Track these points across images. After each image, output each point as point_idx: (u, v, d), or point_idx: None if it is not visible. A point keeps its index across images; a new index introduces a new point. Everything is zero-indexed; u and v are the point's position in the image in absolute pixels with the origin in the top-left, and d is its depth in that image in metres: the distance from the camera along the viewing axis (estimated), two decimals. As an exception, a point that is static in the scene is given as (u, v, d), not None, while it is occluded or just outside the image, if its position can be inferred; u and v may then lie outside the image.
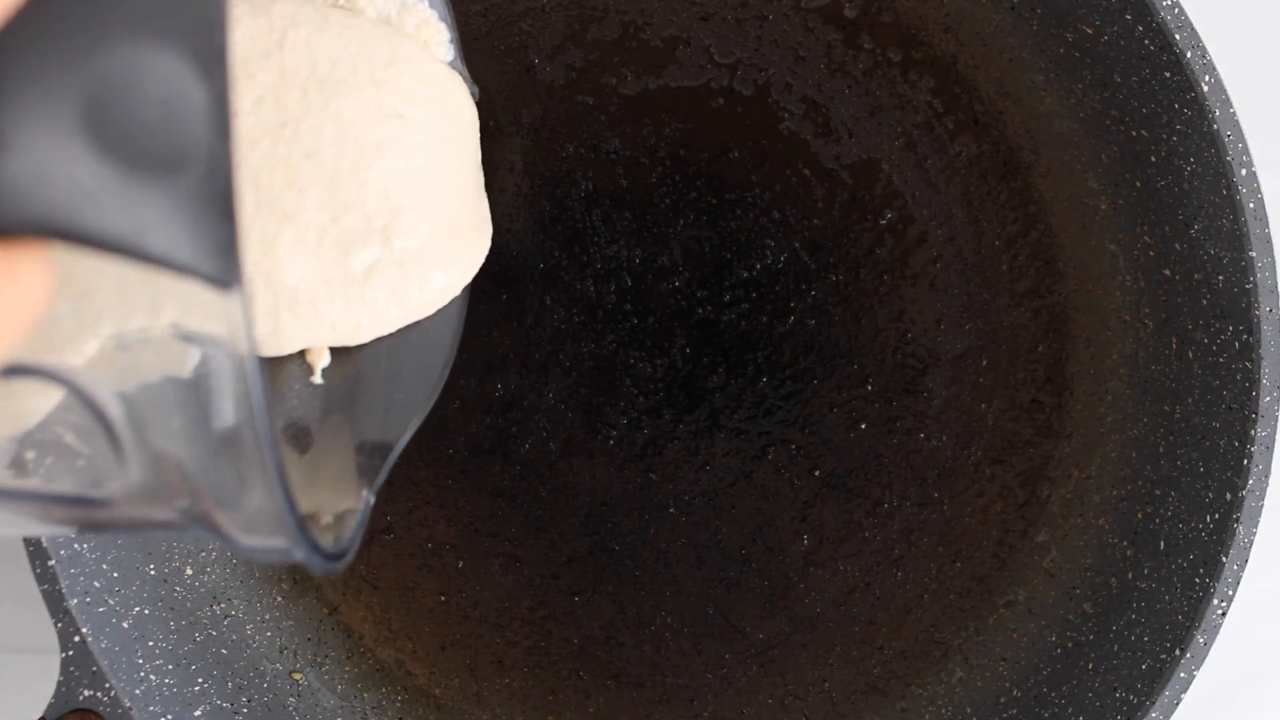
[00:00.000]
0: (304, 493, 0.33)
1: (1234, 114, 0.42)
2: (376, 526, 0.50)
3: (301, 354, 0.35)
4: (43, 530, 0.26)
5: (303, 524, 0.22)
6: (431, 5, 0.35)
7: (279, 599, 0.50)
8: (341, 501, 0.31)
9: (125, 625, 0.43)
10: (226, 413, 0.21)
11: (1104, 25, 0.43)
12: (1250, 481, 0.43)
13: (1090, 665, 0.47)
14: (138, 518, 0.23)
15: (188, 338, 0.21)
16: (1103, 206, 0.48)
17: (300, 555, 0.23)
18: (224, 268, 0.19)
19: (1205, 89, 0.41)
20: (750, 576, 0.50)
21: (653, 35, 0.48)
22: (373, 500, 0.32)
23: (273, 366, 0.34)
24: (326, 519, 0.30)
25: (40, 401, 0.25)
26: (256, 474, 0.21)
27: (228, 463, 0.21)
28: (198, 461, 0.21)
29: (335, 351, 0.35)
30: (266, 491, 0.21)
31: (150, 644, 0.44)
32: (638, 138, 0.49)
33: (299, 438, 0.35)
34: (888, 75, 0.49)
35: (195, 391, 0.21)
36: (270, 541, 0.23)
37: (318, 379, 0.33)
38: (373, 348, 0.35)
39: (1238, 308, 0.43)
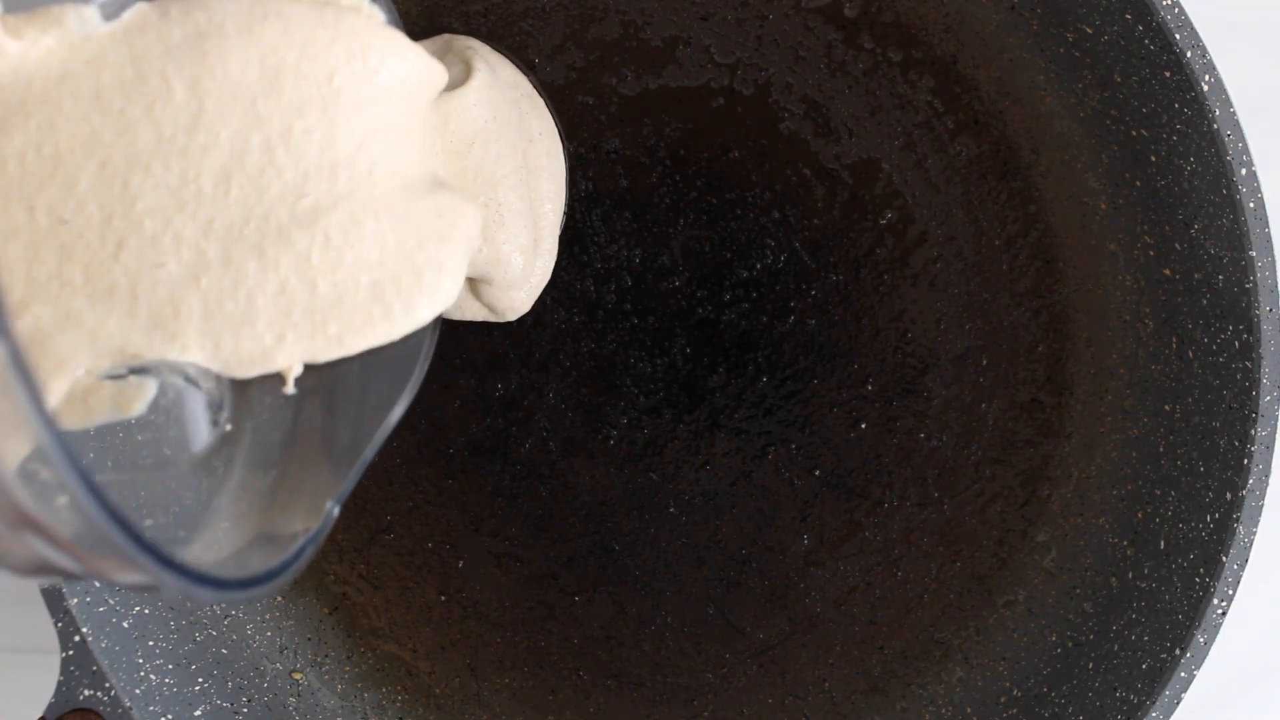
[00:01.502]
0: (269, 511, 0.33)
1: (1234, 114, 0.42)
2: (377, 526, 0.50)
3: None
4: None
5: (167, 560, 0.22)
6: None
7: (279, 599, 0.50)
8: (308, 518, 0.31)
9: (125, 625, 0.43)
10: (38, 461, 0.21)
11: (1104, 25, 0.43)
12: (1250, 481, 0.43)
13: (1090, 665, 0.47)
14: (23, 564, 0.23)
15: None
16: (1103, 206, 0.48)
17: (175, 590, 0.23)
18: None
19: (1205, 89, 0.41)
20: (750, 576, 0.50)
21: (653, 35, 0.48)
22: (336, 513, 0.31)
23: (242, 380, 0.34)
24: (299, 536, 0.30)
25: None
26: (83, 520, 0.21)
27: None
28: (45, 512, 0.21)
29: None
30: (100, 534, 0.21)
31: (150, 644, 0.44)
32: (638, 138, 0.49)
33: (267, 453, 0.35)
34: (888, 75, 0.49)
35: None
36: (142, 578, 0.23)
37: (290, 389, 0.33)
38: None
39: (1238, 307, 0.43)
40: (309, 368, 0.33)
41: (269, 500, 0.33)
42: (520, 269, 0.47)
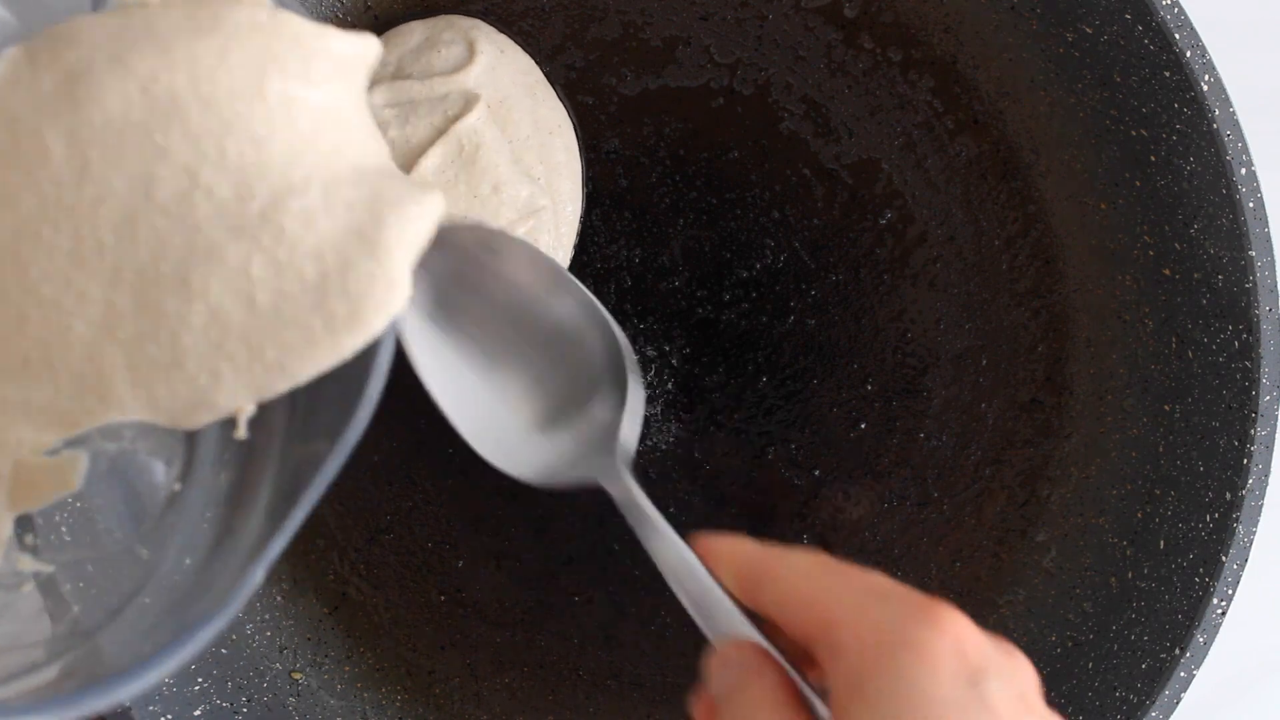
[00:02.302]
0: (199, 580, 0.31)
1: (1234, 114, 0.42)
2: (377, 526, 0.50)
3: None
4: None
5: None
6: None
7: (279, 599, 0.50)
8: (231, 581, 0.29)
9: (125, 625, 0.43)
10: None
11: (1104, 25, 0.43)
12: (1250, 481, 0.43)
13: (1090, 665, 0.47)
14: None
15: None
16: (1103, 206, 0.48)
17: None
18: None
19: (1205, 89, 0.41)
20: (750, 576, 0.50)
21: (653, 35, 0.48)
22: (260, 577, 0.28)
23: (194, 433, 0.32)
24: (211, 609, 0.28)
25: None
26: None
27: None
28: None
29: None
30: None
31: (150, 644, 0.44)
32: (638, 138, 0.49)
33: (212, 511, 0.33)
34: (888, 75, 0.49)
35: None
36: None
37: (241, 433, 0.30)
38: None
39: (1237, 307, 0.43)
40: (262, 408, 0.30)
41: (202, 567, 0.31)
42: None
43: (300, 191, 0.29)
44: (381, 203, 0.30)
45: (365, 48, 0.31)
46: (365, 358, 0.30)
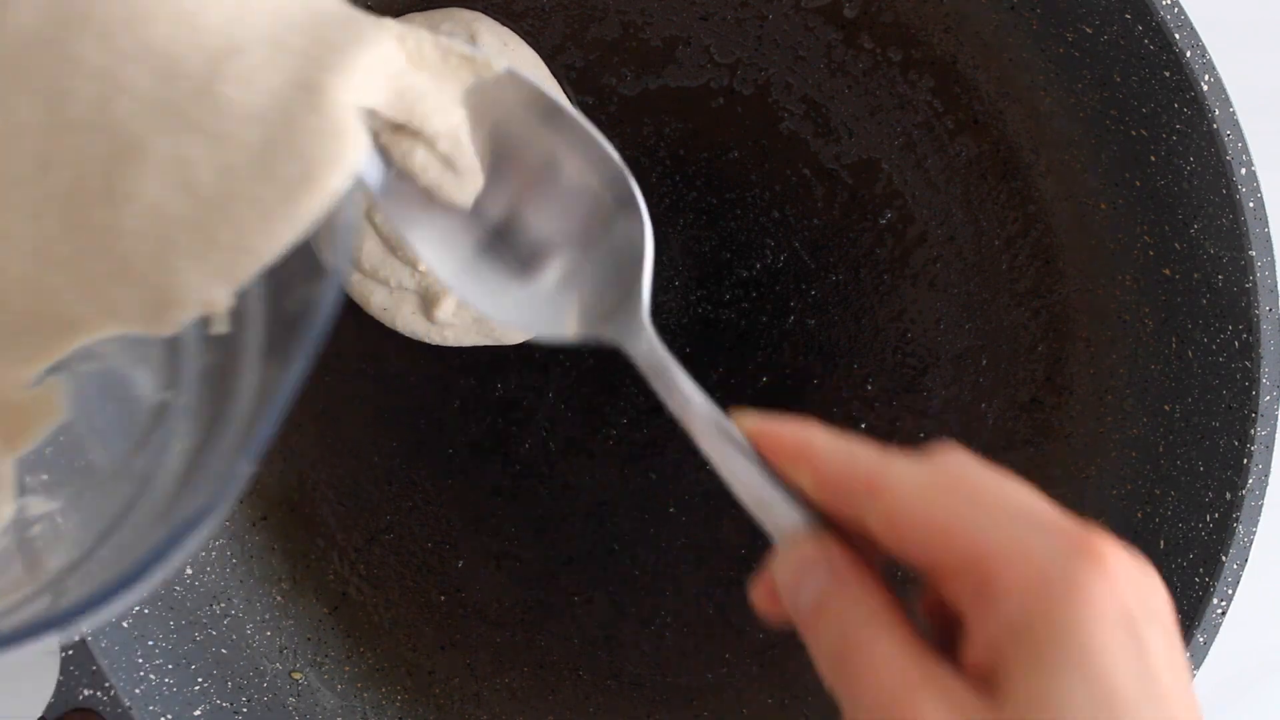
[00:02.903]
0: (188, 483, 0.30)
1: (1234, 113, 0.42)
2: (377, 526, 0.50)
3: None
4: None
5: None
6: None
7: (279, 599, 0.50)
8: (217, 483, 0.27)
9: (125, 624, 0.43)
10: None
11: (1104, 25, 0.43)
12: (1250, 481, 0.43)
13: (1090, 665, 0.47)
14: None
15: None
16: (1103, 206, 0.48)
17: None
18: None
19: (1205, 88, 0.42)
20: (750, 576, 0.50)
21: (653, 35, 0.48)
22: (248, 470, 0.26)
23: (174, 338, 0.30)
24: (199, 511, 0.26)
25: None
26: None
27: None
28: None
29: None
30: None
31: (150, 643, 0.44)
32: (638, 138, 0.49)
33: (203, 413, 0.31)
34: (888, 75, 0.49)
35: None
36: None
37: (221, 328, 0.27)
38: None
39: (1237, 307, 0.43)
40: (240, 299, 0.28)
41: (190, 471, 0.30)
42: None
43: (240, 50, 0.26)
44: (324, 46, 0.26)
45: None
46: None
